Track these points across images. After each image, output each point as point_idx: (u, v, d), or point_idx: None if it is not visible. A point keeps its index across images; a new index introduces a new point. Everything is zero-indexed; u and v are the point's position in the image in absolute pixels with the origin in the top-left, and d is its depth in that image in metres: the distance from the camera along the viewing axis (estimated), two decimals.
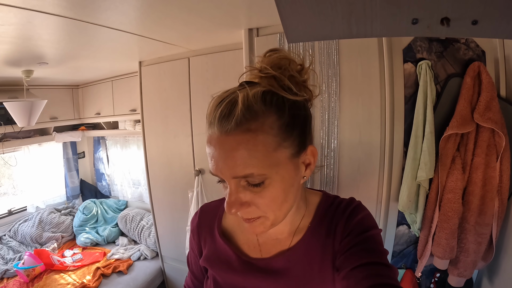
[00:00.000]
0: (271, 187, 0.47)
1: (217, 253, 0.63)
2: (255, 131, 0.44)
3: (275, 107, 0.47)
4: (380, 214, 1.44)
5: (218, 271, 0.63)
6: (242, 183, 0.47)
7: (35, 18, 1.14)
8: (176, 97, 2.13)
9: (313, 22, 0.49)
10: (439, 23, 0.42)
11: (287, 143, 0.47)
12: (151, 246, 2.79)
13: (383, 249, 0.53)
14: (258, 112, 0.45)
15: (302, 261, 0.57)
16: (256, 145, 0.44)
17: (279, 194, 0.48)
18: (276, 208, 0.50)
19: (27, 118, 2.17)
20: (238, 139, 0.44)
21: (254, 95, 0.46)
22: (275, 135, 0.46)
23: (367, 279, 0.46)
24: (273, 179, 0.47)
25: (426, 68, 1.29)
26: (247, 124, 0.44)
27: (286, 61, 0.51)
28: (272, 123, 0.46)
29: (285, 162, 0.48)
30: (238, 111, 0.44)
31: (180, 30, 1.53)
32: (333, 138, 1.44)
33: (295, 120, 0.48)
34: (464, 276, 1.35)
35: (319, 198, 0.63)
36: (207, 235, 0.66)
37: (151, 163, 2.38)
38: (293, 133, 0.48)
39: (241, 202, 0.48)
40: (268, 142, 0.45)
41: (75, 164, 3.56)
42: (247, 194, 0.48)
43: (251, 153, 0.44)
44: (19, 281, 2.29)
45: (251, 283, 0.59)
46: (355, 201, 0.60)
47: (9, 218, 2.96)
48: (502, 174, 1.24)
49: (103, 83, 2.99)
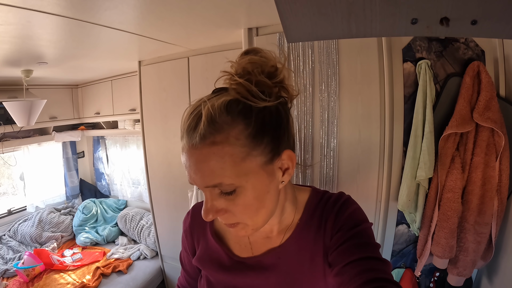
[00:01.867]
0: (243, 196, 0.47)
1: (209, 252, 0.64)
2: (220, 143, 0.44)
3: (241, 116, 0.46)
4: (380, 213, 1.44)
5: (209, 271, 0.63)
6: (216, 191, 0.48)
7: (34, 17, 1.14)
8: (175, 96, 2.13)
9: (313, 22, 0.49)
10: (439, 23, 0.42)
11: (256, 152, 0.46)
12: (151, 246, 2.79)
13: (375, 243, 0.53)
14: (222, 124, 0.45)
15: (292, 257, 0.58)
16: (222, 156, 0.44)
17: (252, 202, 0.48)
18: (252, 214, 0.50)
19: (27, 118, 2.17)
20: (204, 152, 0.44)
21: (218, 107, 0.45)
22: (242, 145, 0.45)
23: (360, 274, 0.46)
24: (244, 188, 0.47)
25: (426, 68, 1.29)
26: (211, 137, 0.44)
27: (256, 64, 0.49)
28: (239, 133, 0.45)
29: (256, 170, 0.47)
30: (202, 126, 0.44)
31: (180, 29, 1.53)
32: (332, 138, 1.44)
33: (264, 127, 0.47)
34: (464, 275, 1.35)
35: (308, 194, 0.63)
36: (200, 235, 0.67)
37: (150, 162, 2.38)
38: (263, 141, 0.47)
39: (217, 209, 0.49)
40: (235, 153, 0.45)
41: (74, 163, 3.56)
42: (222, 201, 0.48)
43: (219, 164, 0.44)
44: (18, 281, 2.29)
45: (242, 282, 0.60)
46: (344, 196, 0.60)
47: (8, 218, 2.96)
48: (502, 173, 1.24)
49: (103, 83, 2.99)
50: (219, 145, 0.44)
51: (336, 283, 0.50)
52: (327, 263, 0.55)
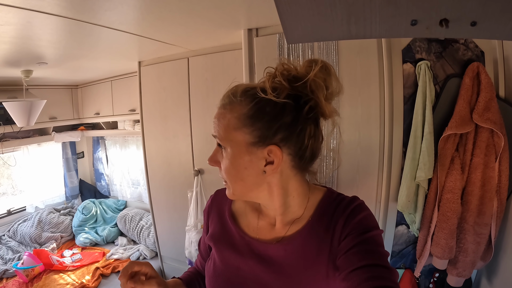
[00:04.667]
0: (226, 156, 0.59)
1: (223, 231, 0.70)
2: (227, 110, 0.59)
3: (248, 99, 0.57)
4: (379, 214, 1.44)
5: (219, 247, 0.68)
6: (217, 145, 0.61)
7: (34, 18, 1.14)
8: (175, 97, 2.13)
9: (312, 23, 0.49)
10: (438, 24, 0.42)
11: (246, 130, 0.56)
12: (150, 246, 2.79)
13: (383, 251, 0.53)
14: (234, 100, 0.58)
15: (298, 252, 0.59)
16: (223, 119, 0.59)
17: (229, 166, 0.59)
18: (231, 179, 0.60)
19: (26, 118, 2.17)
20: (220, 112, 0.60)
21: (240, 88, 0.59)
22: (237, 118, 0.57)
23: (367, 281, 0.47)
24: (227, 151, 0.59)
25: (425, 69, 1.29)
26: (225, 105, 0.60)
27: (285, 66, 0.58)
28: (240, 109, 0.57)
29: (239, 143, 0.57)
30: (225, 96, 0.60)
31: (180, 30, 1.53)
32: (332, 138, 1.44)
33: (259, 114, 0.56)
34: (463, 276, 1.35)
35: (322, 194, 0.65)
36: (215, 215, 0.74)
37: (150, 163, 2.38)
38: (255, 125, 0.56)
39: (215, 159, 0.62)
40: (231, 122, 0.57)
41: (74, 164, 3.56)
42: (219, 155, 0.61)
43: (220, 123, 0.59)
44: (18, 281, 2.29)
45: (246, 264, 0.64)
46: (357, 200, 0.61)
47: (8, 218, 2.96)
48: (501, 174, 1.24)
49: (103, 83, 2.99)
50: (226, 111, 0.59)
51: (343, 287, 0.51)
52: (332, 265, 0.56)
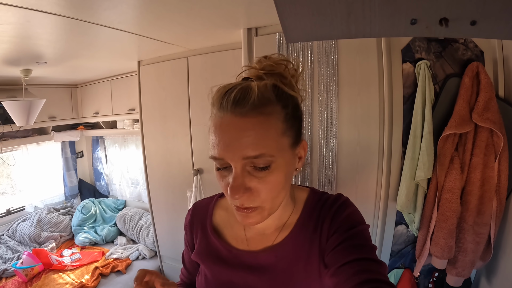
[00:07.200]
0: (276, 171, 0.49)
1: (208, 247, 0.65)
2: (268, 114, 0.48)
3: (282, 98, 0.51)
4: (379, 214, 1.44)
5: (208, 264, 0.64)
6: (248, 168, 0.49)
7: (33, 17, 1.14)
8: (174, 96, 2.13)
9: (312, 22, 0.49)
10: (438, 24, 0.42)
11: (290, 132, 0.51)
12: (150, 246, 2.79)
13: (371, 245, 0.53)
14: (270, 99, 0.49)
15: (289, 256, 0.58)
16: (268, 127, 0.48)
17: (281, 179, 0.50)
18: (275, 195, 0.51)
19: (26, 118, 2.16)
20: (253, 121, 0.47)
21: (265, 85, 0.49)
22: (283, 121, 0.50)
23: (356, 275, 0.47)
24: (278, 164, 0.49)
25: (425, 68, 1.29)
26: (261, 108, 0.47)
27: (286, 62, 0.55)
28: (280, 110, 0.50)
29: (287, 149, 0.51)
30: (254, 96, 0.47)
31: (179, 29, 1.53)
32: (331, 138, 1.45)
33: (295, 113, 0.53)
34: (462, 276, 1.36)
35: (306, 194, 0.64)
36: (198, 230, 0.69)
37: (149, 162, 2.38)
38: (294, 125, 0.52)
39: (246, 186, 0.48)
40: (278, 126, 0.49)
41: (73, 163, 3.55)
42: (252, 179, 0.49)
43: (264, 134, 0.47)
44: (17, 281, 2.29)
45: (238, 276, 0.61)
46: (342, 197, 0.60)
47: (7, 218, 2.95)
48: (500, 174, 1.24)
49: (102, 83, 2.98)
50: (267, 116, 0.48)
51: (332, 283, 0.50)
52: (323, 264, 0.55)
